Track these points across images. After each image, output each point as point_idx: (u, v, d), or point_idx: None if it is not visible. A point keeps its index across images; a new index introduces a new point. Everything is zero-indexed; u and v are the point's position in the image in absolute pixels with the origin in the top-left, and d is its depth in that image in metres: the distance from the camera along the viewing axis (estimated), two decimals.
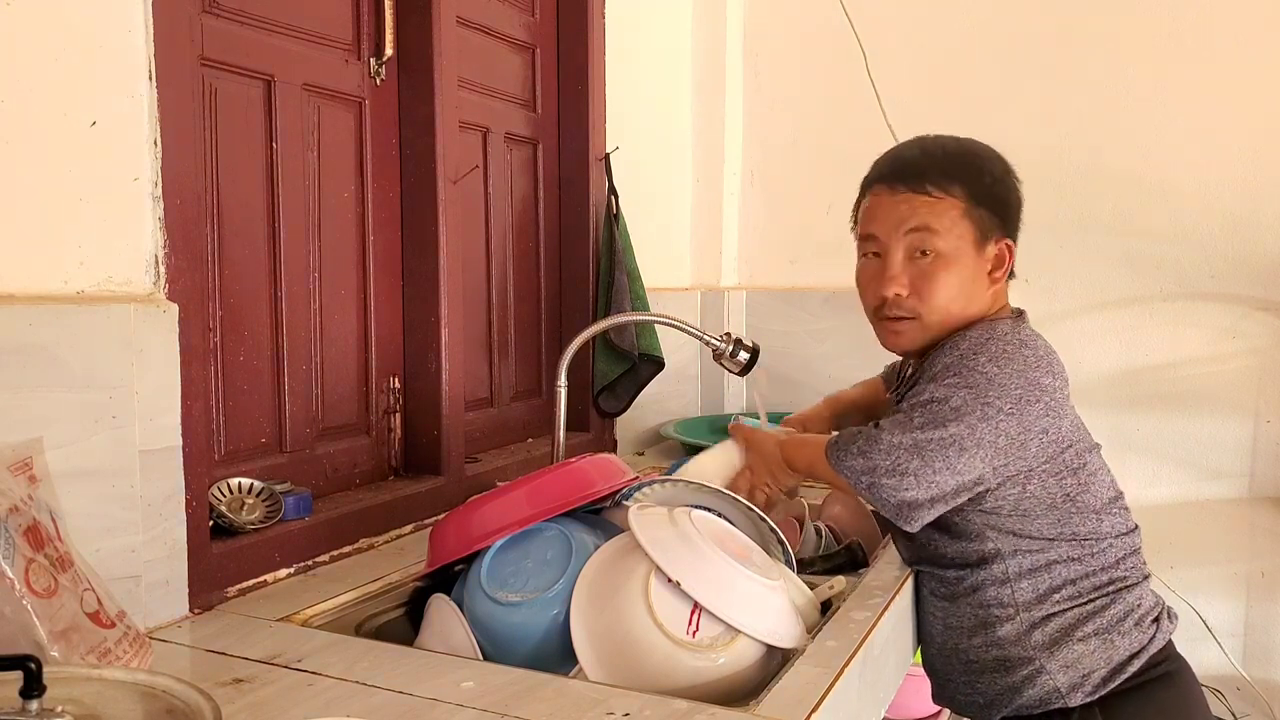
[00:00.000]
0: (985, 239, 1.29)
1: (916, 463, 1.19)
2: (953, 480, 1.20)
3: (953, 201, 1.28)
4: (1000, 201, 1.30)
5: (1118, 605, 1.28)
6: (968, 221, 1.28)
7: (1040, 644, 1.27)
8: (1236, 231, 2.20)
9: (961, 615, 1.32)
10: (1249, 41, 2.17)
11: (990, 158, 1.32)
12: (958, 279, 1.28)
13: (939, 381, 1.22)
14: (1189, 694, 1.32)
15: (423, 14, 1.58)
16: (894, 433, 1.21)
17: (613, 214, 2.07)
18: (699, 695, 0.98)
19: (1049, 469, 1.25)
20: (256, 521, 1.29)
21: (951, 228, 1.27)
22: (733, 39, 2.60)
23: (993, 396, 1.20)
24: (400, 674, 1.00)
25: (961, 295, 1.29)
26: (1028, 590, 1.27)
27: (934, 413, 1.20)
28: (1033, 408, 1.21)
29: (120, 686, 0.77)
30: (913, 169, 1.30)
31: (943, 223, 1.27)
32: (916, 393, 1.25)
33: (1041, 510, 1.26)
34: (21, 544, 0.85)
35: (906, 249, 1.29)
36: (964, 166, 1.29)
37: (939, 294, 1.28)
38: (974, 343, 1.25)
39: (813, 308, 2.55)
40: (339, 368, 1.53)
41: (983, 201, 1.28)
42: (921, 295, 1.29)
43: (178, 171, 1.13)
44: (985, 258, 1.30)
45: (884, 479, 1.20)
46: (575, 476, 1.25)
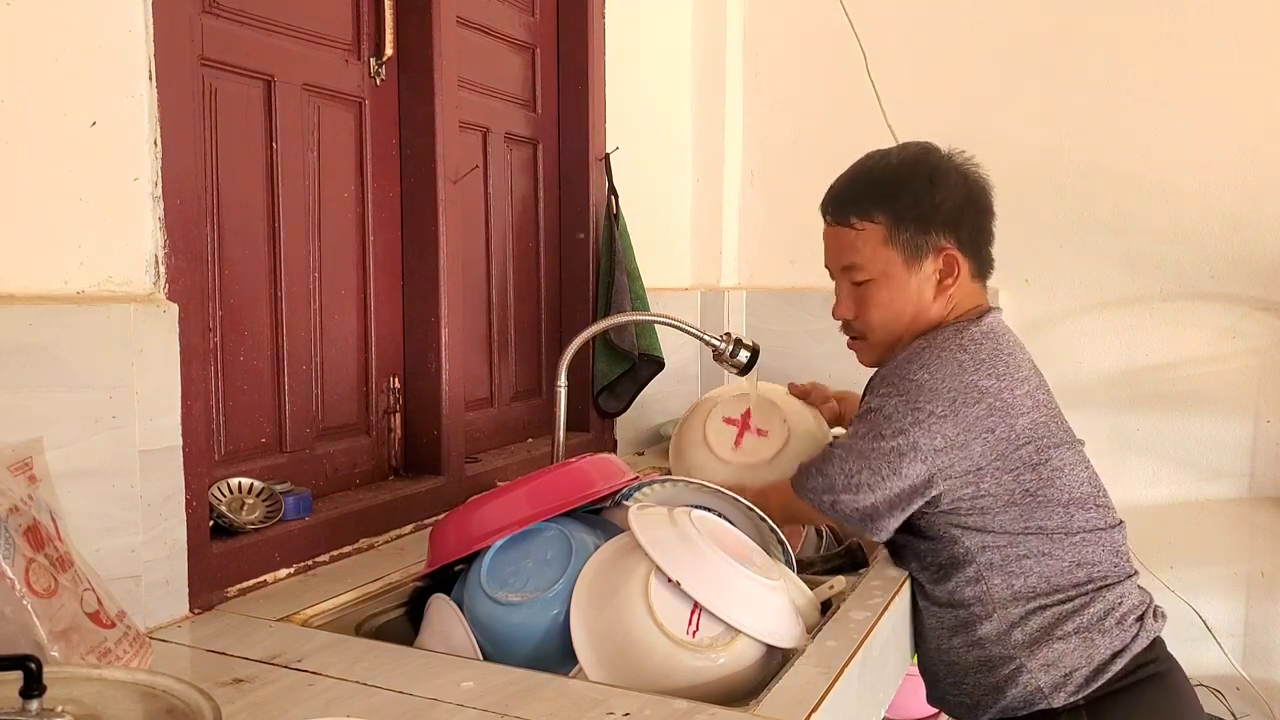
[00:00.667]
0: (916, 256, 1.34)
1: (866, 473, 1.26)
2: (899, 484, 1.25)
3: (875, 229, 1.35)
4: (925, 216, 1.33)
5: (1098, 604, 1.28)
6: (890, 247, 1.34)
7: (1020, 643, 1.28)
8: (1236, 231, 2.20)
9: (943, 616, 1.33)
10: (1249, 42, 2.17)
11: (913, 175, 1.35)
12: (892, 299, 1.36)
13: (875, 393, 1.30)
14: (1180, 695, 1.32)
15: (423, 14, 1.58)
16: (843, 448, 1.29)
17: (613, 214, 2.07)
18: (699, 695, 0.98)
19: (1001, 465, 1.27)
20: (256, 521, 1.29)
21: (875, 256, 1.35)
22: (733, 39, 2.60)
23: (923, 402, 1.25)
24: (400, 674, 1.00)
25: (901, 312, 1.36)
26: (1002, 587, 1.28)
27: (871, 423, 1.27)
28: (971, 409, 1.25)
29: (120, 686, 0.77)
30: (837, 202, 1.39)
31: (865, 254, 1.36)
32: (862, 406, 1.32)
33: (1000, 506, 1.28)
34: (21, 544, 0.85)
35: (846, 278, 1.40)
36: (884, 193, 1.35)
37: (874, 316, 1.38)
38: (910, 353, 1.31)
39: (813, 308, 2.54)
40: (339, 368, 1.53)
41: (904, 222, 1.33)
42: (862, 318, 1.39)
43: (178, 171, 1.13)
44: (923, 272, 1.34)
45: (843, 495, 1.27)
46: (575, 476, 1.25)
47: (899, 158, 1.38)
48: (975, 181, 1.38)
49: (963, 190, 1.36)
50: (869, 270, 1.36)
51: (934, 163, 1.37)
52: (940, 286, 1.35)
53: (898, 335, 1.37)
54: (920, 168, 1.36)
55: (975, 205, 1.37)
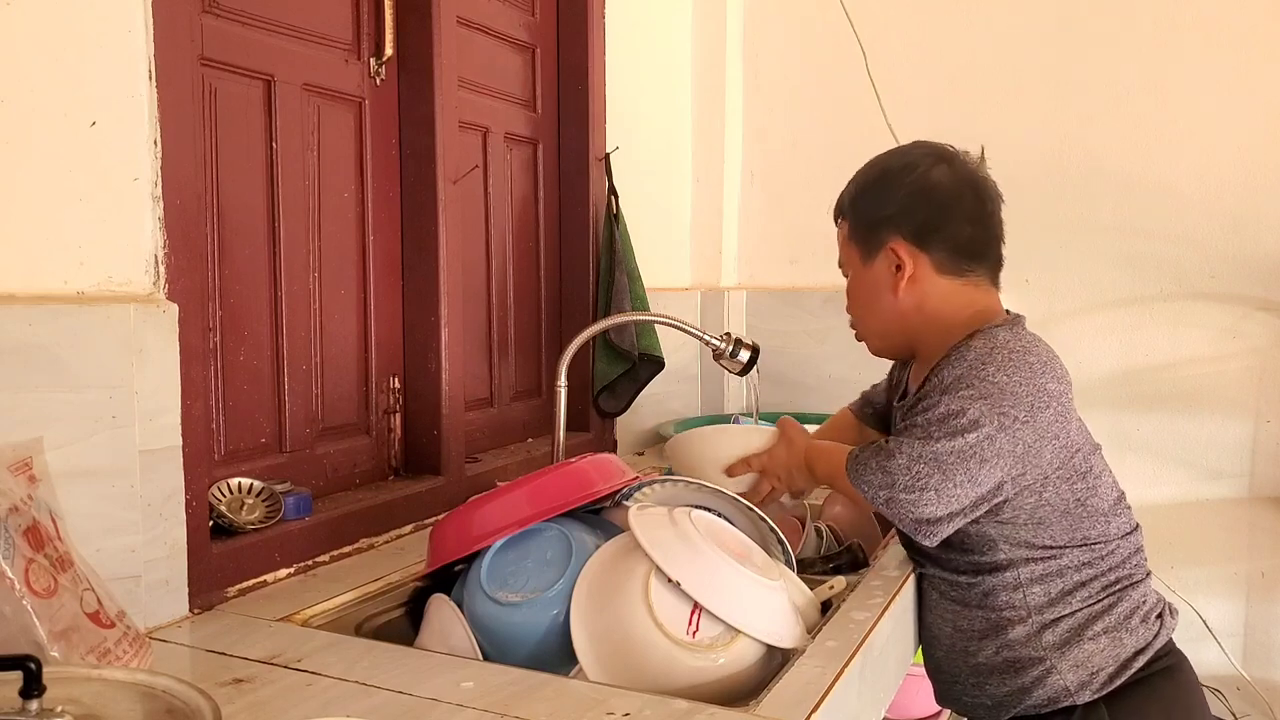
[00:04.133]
0: (869, 253, 1.36)
1: (937, 477, 1.19)
2: (973, 492, 1.20)
3: (844, 226, 1.41)
4: (871, 216, 1.36)
5: (1124, 603, 1.28)
6: (851, 245, 1.40)
7: (1051, 644, 1.27)
8: (1236, 231, 2.20)
9: (972, 618, 1.32)
10: (1249, 42, 2.17)
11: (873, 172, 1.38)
12: (859, 294, 1.41)
13: (952, 393, 1.23)
14: (1190, 687, 1.33)
15: (423, 14, 1.58)
16: (912, 446, 1.21)
17: (613, 214, 2.07)
18: (699, 695, 0.98)
19: (1062, 474, 1.25)
20: (256, 521, 1.29)
21: (843, 252, 1.42)
22: (733, 39, 2.60)
23: (1007, 406, 1.20)
24: (400, 674, 1.00)
25: (865, 305, 1.40)
26: (1039, 595, 1.27)
27: (952, 425, 1.20)
28: (1044, 414, 1.22)
29: (120, 686, 0.77)
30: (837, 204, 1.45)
31: (842, 251, 1.43)
32: (928, 405, 1.24)
33: (1056, 517, 1.26)
34: (21, 544, 0.85)
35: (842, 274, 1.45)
36: (849, 191, 1.41)
37: (853, 310, 1.44)
38: (979, 353, 1.26)
39: (813, 308, 2.55)
40: (339, 368, 1.53)
41: (860, 220, 1.38)
42: (849, 312, 1.45)
43: (178, 171, 1.13)
44: (876, 270, 1.36)
45: (902, 494, 1.21)
46: (575, 476, 1.25)
47: (876, 159, 1.41)
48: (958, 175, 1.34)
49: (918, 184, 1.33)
50: (845, 266, 1.43)
51: (890, 162, 1.38)
52: (894, 281, 1.34)
53: (877, 328, 1.40)
54: (874, 169, 1.39)
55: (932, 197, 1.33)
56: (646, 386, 2.08)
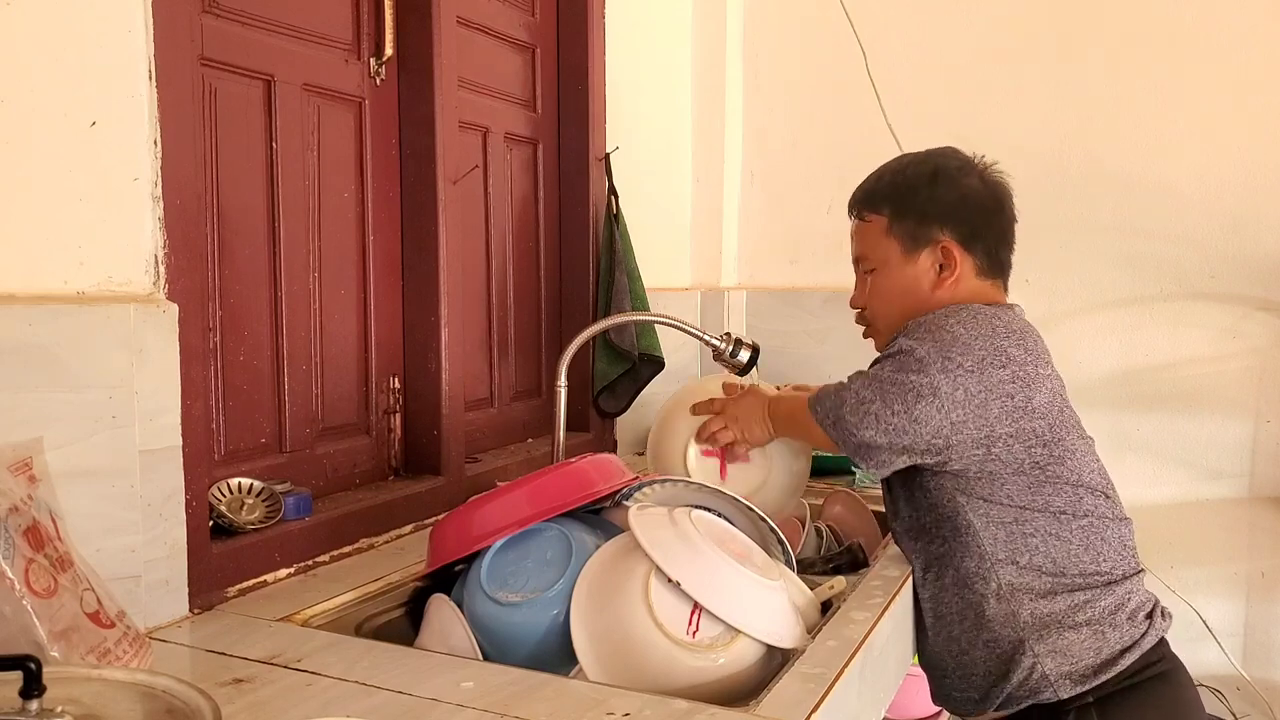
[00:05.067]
0: (914, 248, 1.39)
1: (878, 404, 1.29)
2: (911, 429, 1.27)
3: (878, 220, 1.42)
4: (924, 211, 1.39)
5: (1108, 597, 1.29)
6: (891, 239, 1.41)
7: (1028, 624, 1.28)
8: (1236, 231, 2.20)
9: (950, 599, 1.34)
10: (1249, 42, 2.17)
11: (920, 170, 1.41)
12: (891, 289, 1.42)
13: (909, 335, 1.32)
14: (1185, 693, 1.33)
15: (423, 14, 1.58)
16: (863, 377, 1.34)
17: (613, 214, 2.07)
18: (699, 695, 0.98)
19: (1013, 434, 1.28)
20: (256, 521, 1.29)
21: (876, 246, 1.42)
22: (733, 39, 2.60)
23: (955, 353, 1.27)
24: (400, 674, 1.00)
25: (900, 302, 1.41)
26: (1006, 563, 1.29)
27: (899, 362, 1.30)
28: (996, 372, 1.27)
29: (120, 686, 0.77)
30: (855, 199, 1.47)
31: (869, 244, 1.44)
32: (888, 346, 1.35)
33: (1009, 475, 1.29)
34: (21, 544, 0.85)
35: (858, 269, 1.48)
36: (890, 186, 1.42)
37: (877, 304, 1.45)
38: (948, 309, 1.35)
39: (813, 308, 2.55)
40: (339, 368, 1.53)
41: (905, 214, 1.40)
42: (870, 307, 1.46)
43: (178, 171, 1.13)
44: (919, 265, 1.39)
45: (848, 415, 1.31)
46: (575, 476, 1.25)
47: (912, 157, 1.45)
48: (990, 184, 1.41)
49: (969, 189, 1.39)
50: (872, 260, 1.43)
51: (941, 162, 1.42)
52: (939, 278, 1.39)
53: (899, 322, 1.39)
54: (925, 165, 1.41)
55: (981, 205, 1.40)
56: (646, 386, 2.08)
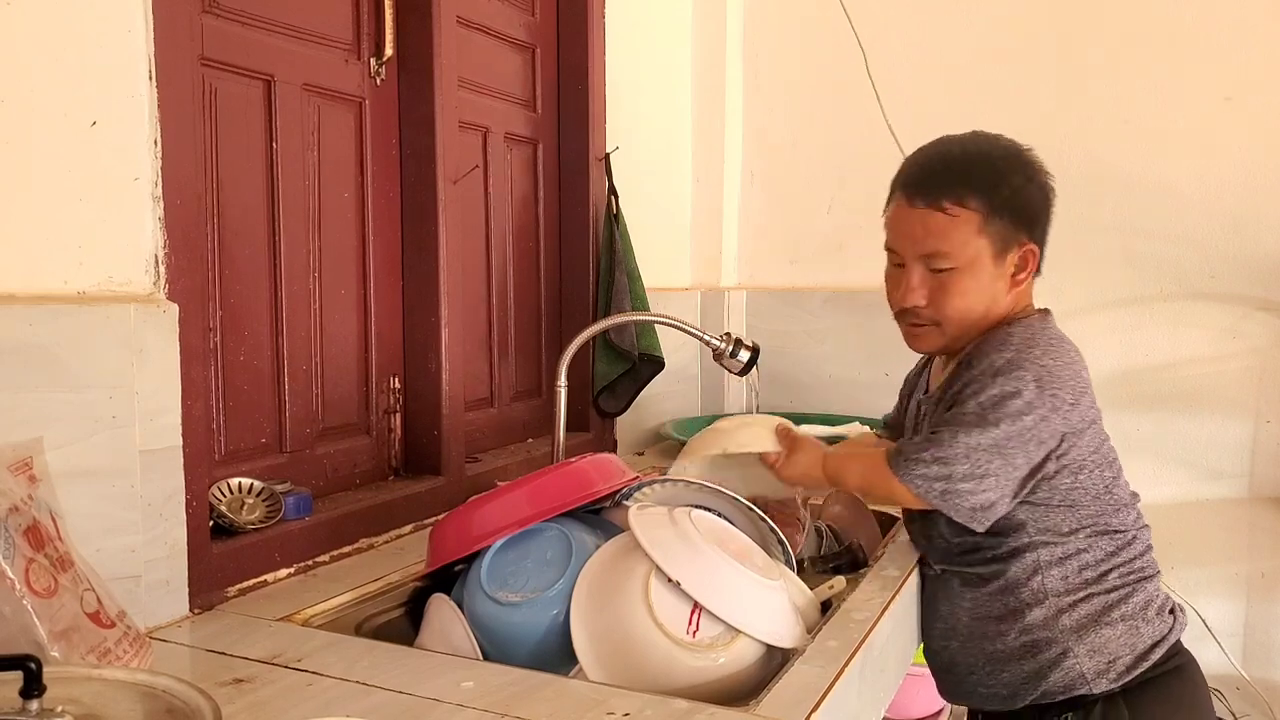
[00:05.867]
0: (1004, 249, 1.29)
1: (998, 462, 1.20)
2: (1027, 469, 1.23)
3: (969, 216, 1.27)
4: (1019, 210, 1.29)
5: (1139, 594, 1.30)
6: (983, 236, 1.28)
7: (1069, 628, 1.28)
8: (1236, 231, 2.20)
9: (990, 604, 1.32)
10: (1249, 42, 2.17)
11: (1012, 164, 1.31)
12: (974, 289, 1.29)
13: (1005, 375, 1.23)
14: (1201, 685, 1.35)
15: (423, 14, 1.58)
16: (969, 434, 1.21)
17: (613, 214, 2.07)
18: (699, 695, 0.98)
19: (1096, 459, 1.28)
20: (256, 521, 1.29)
21: (966, 244, 1.28)
22: (733, 39, 2.60)
23: (1056, 388, 1.23)
24: (400, 674, 1.00)
25: (979, 303, 1.30)
26: (1057, 579, 1.28)
27: (1008, 408, 1.21)
28: (1085, 398, 1.26)
29: (120, 686, 0.77)
30: (931, 182, 1.29)
31: (956, 241, 1.28)
32: (977, 389, 1.24)
33: (1087, 501, 1.28)
34: (21, 544, 0.85)
35: (924, 263, 1.31)
36: (982, 179, 1.28)
37: (953, 304, 1.30)
38: (1024, 339, 1.27)
39: (813, 308, 2.55)
40: (339, 368, 1.53)
41: (1000, 213, 1.28)
42: (938, 306, 1.31)
43: (178, 171, 1.13)
44: (1005, 265, 1.30)
45: (961, 484, 1.20)
46: (575, 476, 1.25)
47: (993, 147, 1.32)
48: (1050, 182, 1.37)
49: (1049, 188, 1.34)
50: (956, 258, 1.28)
51: (1028, 158, 1.33)
52: (1014, 281, 1.32)
53: (971, 325, 1.32)
54: (1017, 161, 1.32)
55: (1051, 206, 1.36)
56: (646, 386, 2.08)
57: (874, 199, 2.68)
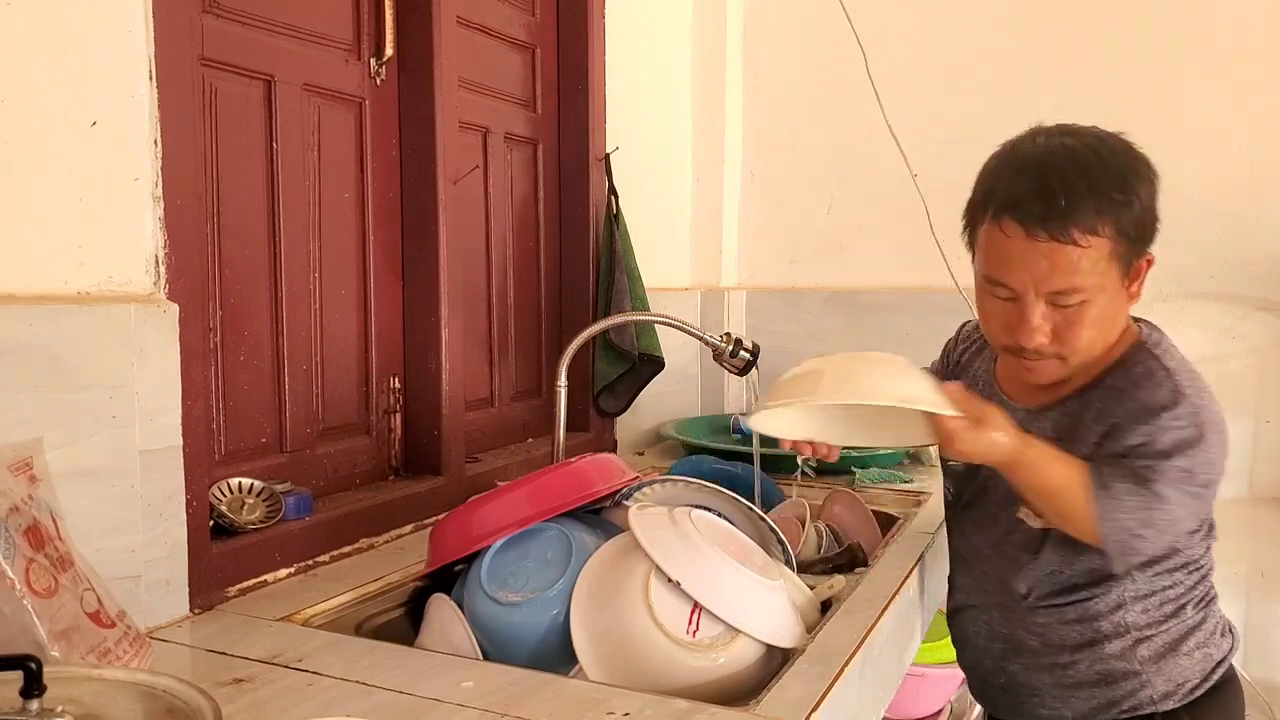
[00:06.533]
0: (1131, 266, 1.16)
1: (1187, 521, 1.15)
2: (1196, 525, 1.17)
3: (1100, 243, 1.11)
4: (1148, 224, 1.16)
5: (1209, 621, 1.27)
6: (1114, 261, 1.13)
7: (1147, 658, 1.24)
8: (1236, 232, 2.20)
9: (1065, 632, 1.26)
10: (1249, 42, 2.17)
11: (1135, 170, 1.15)
12: (1103, 317, 1.16)
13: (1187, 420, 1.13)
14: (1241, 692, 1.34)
15: (423, 14, 1.58)
16: (1179, 489, 1.12)
17: (613, 214, 2.07)
18: (699, 695, 0.98)
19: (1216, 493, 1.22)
20: (257, 521, 1.29)
21: (1097, 273, 1.12)
22: (733, 39, 2.60)
23: (1217, 428, 1.15)
24: (400, 674, 1.00)
25: (1108, 330, 1.19)
26: (1138, 613, 1.24)
27: (1204, 459, 1.12)
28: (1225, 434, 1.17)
29: (120, 686, 0.77)
30: (1056, 209, 1.10)
31: (1087, 273, 1.12)
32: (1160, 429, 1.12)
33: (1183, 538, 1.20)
34: (22, 544, 0.85)
35: (1048, 299, 1.14)
36: (1112, 198, 1.11)
37: (1083, 338, 1.16)
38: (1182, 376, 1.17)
39: (813, 308, 2.55)
40: (339, 368, 1.53)
41: (1130, 231, 1.13)
42: (1065, 340, 1.16)
43: (178, 171, 1.13)
44: (1130, 288, 1.18)
45: (1150, 531, 1.13)
46: (575, 476, 1.25)
47: (1109, 151, 1.15)
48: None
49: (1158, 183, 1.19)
50: (1086, 290, 1.12)
51: (1142, 156, 1.17)
52: (1129, 294, 1.18)
53: (1098, 350, 1.20)
54: (1138, 164, 1.16)
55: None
56: (646, 386, 2.08)
57: (874, 199, 2.68)
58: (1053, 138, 1.17)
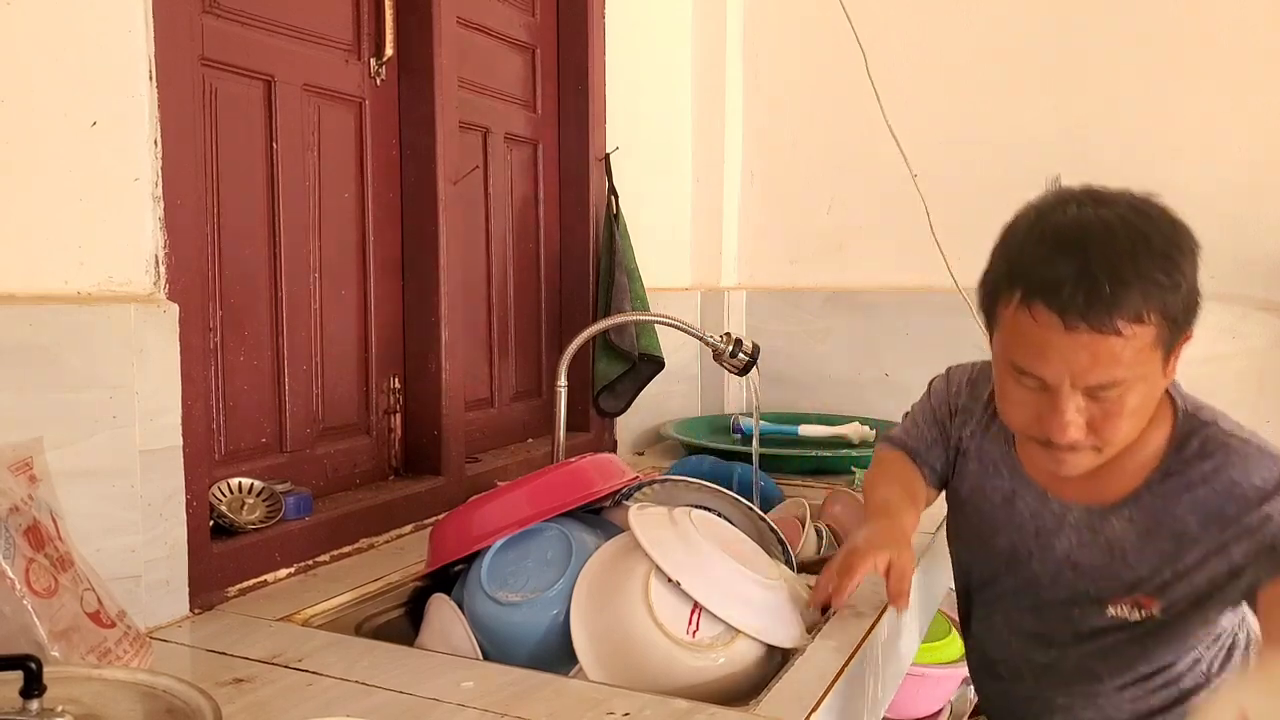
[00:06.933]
0: (1174, 348, 1.07)
1: None
2: None
3: (1145, 331, 1.00)
4: (1193, 307, 1.06)
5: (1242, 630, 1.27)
6: (1157, 347, 1.03)
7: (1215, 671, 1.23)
8: (1237, 232, 2.19)
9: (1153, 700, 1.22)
10: (1249, 42, 2.17)
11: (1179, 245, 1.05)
12: (1142, 404, 1.07)
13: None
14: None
15: (423, 14, 1.58)
16: None
17: (613, 214, 2.07)
18: (699, 695, 0.98)
19: None
20: (257, 521, 1.29)
21: (1141, 362, 1.02)
22: (733, 39, 2.60)
23: None
24: (400, 674, 1.00)
25: (1145, 415, 1.09)
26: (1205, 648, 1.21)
27: None
28: None
29: (120, 686, 0.77)
30: (1101, 300, 0.98)
31: (1130, 363, 1.01)
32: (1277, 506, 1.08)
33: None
34: (22, 544, 0.85)
35: (1085, 391, 1.04)
36: (1159, 281, 1.00)
37: (1121, 429, 1.06)
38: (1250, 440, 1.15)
39: (813, 308, 2.55)
40: (339, 368, 1.53)
41: (1177, 318, 1.03)
42: (1102, 433, 1.06)
43: (178, 171, 1.13)
44: (1168, 372, 1.09)
45: None
46: (575, 476, 1.25)
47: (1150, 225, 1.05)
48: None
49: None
50: (1129, 380, 1.03)
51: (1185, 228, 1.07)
52: (1167, 375, 1.10)
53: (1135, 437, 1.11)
54: (1180, 238, 1.05)
55: None
56: (646, 386, 2.08)
57: (874, 199, 2.68)
58: (1086, 208, 1.06)
